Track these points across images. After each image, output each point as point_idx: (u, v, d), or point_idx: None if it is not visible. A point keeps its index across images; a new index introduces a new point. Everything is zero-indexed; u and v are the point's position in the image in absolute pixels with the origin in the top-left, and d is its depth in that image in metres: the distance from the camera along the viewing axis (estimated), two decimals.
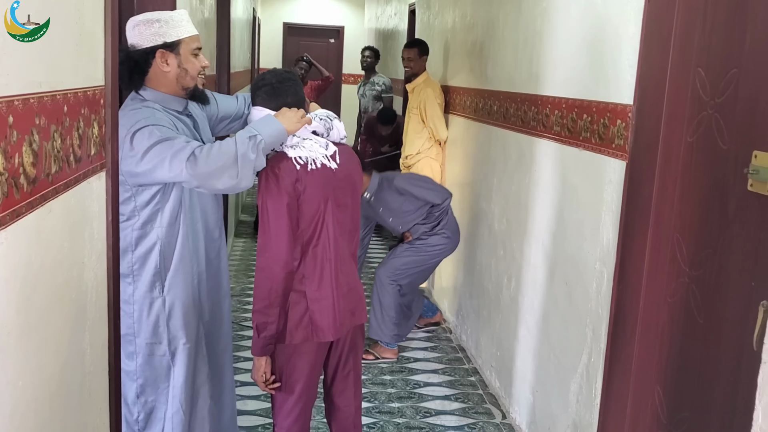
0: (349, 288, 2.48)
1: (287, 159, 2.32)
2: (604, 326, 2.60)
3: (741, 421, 1.71)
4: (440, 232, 4.32)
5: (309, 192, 2.31)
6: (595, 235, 2.69)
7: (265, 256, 2.31)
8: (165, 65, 2.31)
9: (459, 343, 4.69)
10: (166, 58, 2.30)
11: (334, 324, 2.41)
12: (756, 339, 1.65)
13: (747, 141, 1.83)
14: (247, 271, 6.07)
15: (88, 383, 1.76)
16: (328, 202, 2.37)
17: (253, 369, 2.41)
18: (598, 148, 2.69)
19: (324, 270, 2.39)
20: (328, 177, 2.37)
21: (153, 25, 2.28)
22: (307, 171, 2.31)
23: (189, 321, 2.42)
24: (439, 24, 5.83)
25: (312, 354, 2.43)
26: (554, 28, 3.22)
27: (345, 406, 2.60)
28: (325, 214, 2.36)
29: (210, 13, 4.77)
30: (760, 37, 1.81)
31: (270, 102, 2.40)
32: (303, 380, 2.44)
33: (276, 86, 2.41)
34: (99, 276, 1.82)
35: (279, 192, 2.27)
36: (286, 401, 2.46)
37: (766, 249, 1.71)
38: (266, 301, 2.30)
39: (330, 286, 2.40)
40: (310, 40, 13.37)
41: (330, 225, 2.38)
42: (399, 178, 4.34)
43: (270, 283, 2.29)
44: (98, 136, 1.77)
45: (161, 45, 2.29)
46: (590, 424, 2.69)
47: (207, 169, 2.18)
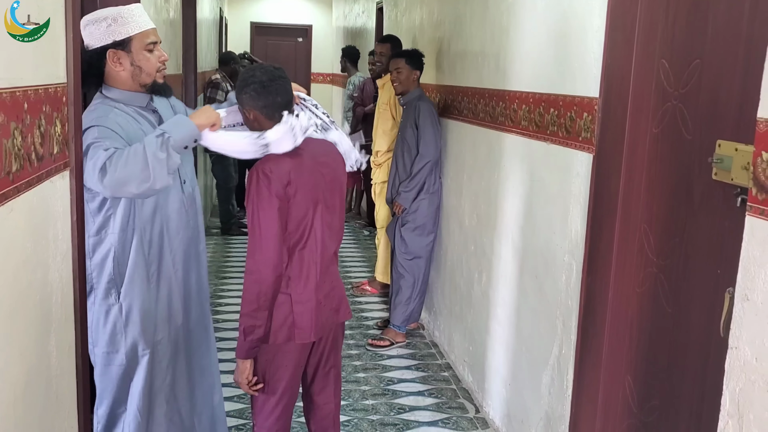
0: (332, 287, 2.49)
1: (279, 160, 2.28)
2: (574, 318, 2.62)
3: (710, 407, 1.73)
4: (425, 196, 4.49)
5: (299, 195, 2.29)
6: (564, 228, 2.71)
7: (254, 259, 2.27)
8: (118, 65, 2.24)
9: (432, 339, 4.70)
10: (118, 58, 2.23)
11: (317, 324, 2.40)
12: (723, 325, 1.67)
13: (710, 130, 1.85)
14: (218, 272, 6.02)
15: (55, 386, 1.73)
16: (318, 204, 2.36)
17: (236, 371, 2.38)
18: (565, 142, 2.71)
19: (310, 272, 2.38)
20: (317, 179, 2.36)
21: (101, 24, 2.20)
22: (299, 175, 2.29)
23: (148, 327, 2.35)
24: (407, 21, 5.84)
25: (295, 353, 2.42)
26: (520, 24, 3.24)
27: (325, 404, 2.60)
28: (314, 216, 2.35)
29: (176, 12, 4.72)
30: (720, 28, 1.84)
31: (257, 100, 2.31)
32: (286, 380, 2.43)
33: (267, 84, 2.30)
34: (64, 277, 1.79)
35: (270, 195, 2.24)
36: (267, 401, 2.44)
37: (731, 237, 1.73)
38: (255, 305, 2.27)
39: (314, 288, 2.39)
40: (277, 40, 13.31)
41: (318, 227, 2.37)
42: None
43: (259, 287, 2.27)
44: (61, 134, 1.74)
45: (111, 44, 2.22)
46: (562, 416, 2.71)
47: (117, 177, 2.08)
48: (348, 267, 6.34)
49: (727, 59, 1.81)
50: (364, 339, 4.63)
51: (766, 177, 1.47)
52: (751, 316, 1.50)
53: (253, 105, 2.32)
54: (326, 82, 13.02)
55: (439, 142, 4.42)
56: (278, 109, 2.33)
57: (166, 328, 2.43)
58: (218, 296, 5.41)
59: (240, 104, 2.38)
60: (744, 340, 1.52)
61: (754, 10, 1.69)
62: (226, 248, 6.83)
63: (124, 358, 2.33)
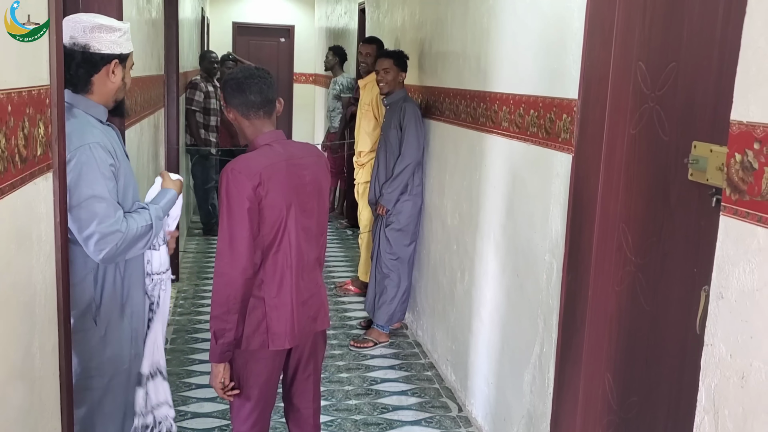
0: (310, 294, 2.45)
1: (250, 159, 2.28)
2: (555, 316, 2.65)
3: (687, 403, 1.77)
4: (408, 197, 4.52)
5: (271, 197, 2.26)
6: (544, 228, 2.75)
7: (223, 261, 2.26)
8: (111, 75, 2.22)
9: (415, 339, 4.73)
10: (114, 69, 2.23)
11: (292, 331, 2.37)
12: (699, 323, 1.71)
13: (686, 132, 1.89)
14: (200, 273, 6.01)
15: (38, 388, 1.73)
16: (291, 207, 2.32)
17: (211, 375, 2.38)
18: (545, 143, 2.75)
19: (284, 276, 2.35)
20: (292, 181, 2.33)
21: (114, 33, 2.20)
22: (271, 175, 2.27)
23: (117, 355, 2.27)
24: (389, 23, 5.86)
25: (269, 360, 2.40)
26: (501, 26, 3.27)
27: (304, 408, 2.58)
28: (288, 219, 2.32)
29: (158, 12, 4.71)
30: (696, 31, 1.87)
31: (234, 97, 2.36)
32: (259, 386, 2.41)
33: (241, 82, 2.35)
34: (48, 278, 1.79)
35: (240, 196, 2.22)
36: (243, 407, 2.43)
37: (707, 236, 1.77)
38: (224, 308, 2.26)
39: (289, 293, 2.36)
40: (260, 40, 13.27)
41: (293, 231, 2.33)
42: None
43: (228, 289, 2.25)
44: (44, 136, 1.74)
45: (117, 55, 2.22)
46: (544, 413, 2.74)
47: (116, 254, 2.12)
48: (331, 267, 6.36)
49: (701, 62, 1.84)
50: (347, 339, 4.65)
51: (739, 178, 1.50)
52: (726, 313, 1.53)
53: (231, 102, 2.39)
54: (309, 82, 13.01)
55: (422, 143, 4.44)
56: (253, 108, 2.37)
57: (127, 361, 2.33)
58: (200, 297, 5.40)
59: (224, 102, 2.43)
60: (719, 337, 1.55)
61: (727, 15, 1.72)
62: (207, 248, 6.81)
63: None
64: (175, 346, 4.43)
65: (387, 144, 4.55)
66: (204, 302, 5.28)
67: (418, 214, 4.57)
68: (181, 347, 4.43)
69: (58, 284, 1.87)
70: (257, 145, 2.36)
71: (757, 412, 1.43)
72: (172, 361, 4.20)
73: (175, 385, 3.86)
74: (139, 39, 3.68)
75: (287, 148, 2.39)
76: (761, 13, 1.45)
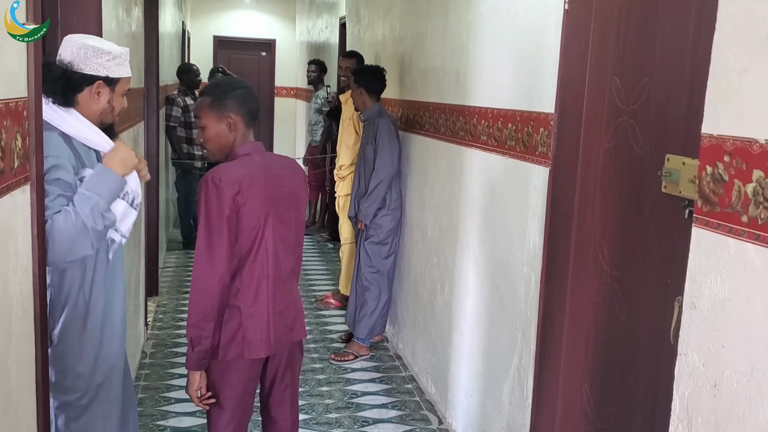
0: (286, 304, 2.45)
1: (229, 169, 2.30)
2: (533, 328, 2.67)
3: (661, 412, 1.79)
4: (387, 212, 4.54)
5: (249, 206, 2.28)
6: (523, 240, 2.77)
7: (201, 269, 2.27)
8: (96, 96, 2.23)
9: (396, 352, 4.73)
10: (100, 90, 2.23)
11: (268, 341, 2.38)
12: (672, 333, 1.74)
13: (660, 145, 1.92)
14: (179, 287, 5.98)
15: (14, 401, 1.72)
16: (269, 217, 2.34)
17: (187, 384, 2.38)
18: (522, 156, 2.78)
19: (260, 286, 2.36)
20: (270, 191, 2.35)
21: (103, 56, 2.21)
22: (250, 185, 2.29)
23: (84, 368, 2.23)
24: (370, 37, 5.90)
25: (245, 370, 2.40)
26: (479, 41, 3.31)
27: (282, 420, 2.58)
28: (265, 228, 2.33)
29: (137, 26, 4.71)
30: (668, 46, 1.91)
31: (243, 106, 2.40)
32: (236, 397, 2.41)
33: (250, 91, 2.44)
34: (25, 291, 1.79)
35: (219, 204, 2.24)
36: (220, 418, 2.42)
37: (680, 247, 1.79)
38: (201, 315, 2.27)
39: (266, 303, 2.37)
40: (241, 53, 13.28)
41: (270, 240, 2.35)
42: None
43: (206, 297, 2.26)
44: (22, 148, 1.74)
45: (103, 77, 2.22)
46: (523, 425, 2.76)
47: (57, 255, 2.02)
48: (312, 280, 6.35)
49: (674, 77, 1.88)
50: (328, 352, 4.64)
51: (710, 190, 1.53)
52: (698, 323, 1.56)
53: (238, 110, 2.40)
54: (290, 96, 13.03)
55: (395, 158, 4.46)
56: (254, 118, 2.44)
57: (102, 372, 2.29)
58: (180, 311, 5.37)
59: (220, 110, 2.39)
60: (692, 347, 1.58)
61: (698, 31, 1.76)
62: (187, 262, 6.78)
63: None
64: (155, 360, 4.40)
65: (364, 159, 4.59)
66: (184, 316, 5.25)
67: (396, 228, 4.59)
68: (160, 361, 4.40)
69: (35, 297, 1.86)
70: (237, 155, 2.38)
71: (729, 420, 1.45)
72: (152, 375, 4.17)
73: (155, 400, 3.84)
74: None
75: (266, 159, 2.42)
76: (730, 30, 1.48)
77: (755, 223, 1.39)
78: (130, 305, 3.73)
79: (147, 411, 3.69)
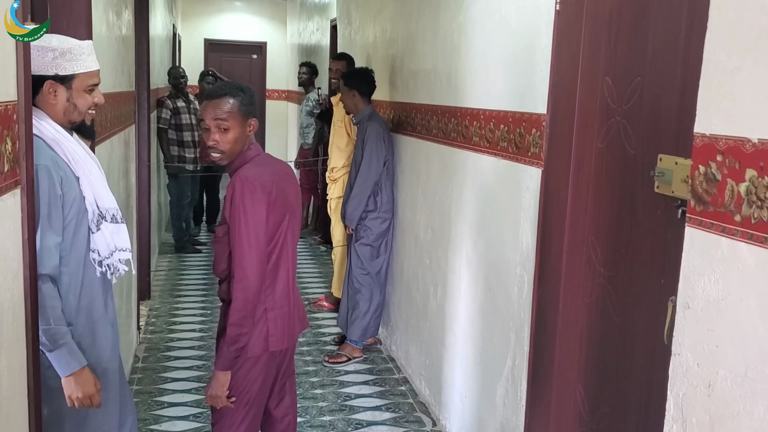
0: (296, 296, 2.56)
1: (257, 169, 2.37)
2: (526, 329, 2.67)
3: (656, 412, 1.79)
4: (376, 215, 4.53)
5: (278, 203, 2.37)
6: (515, 241, 2.77)
7: (242, 267, 2.31)
8: (52, 96, 2.14)
9: (389, 354, 4.72)
10: (54, 89, 2.13)
11: (289, 332, 2.47)
12: (666, 333, 1.74)
13: (652, 145, 1.92)
14: (172, 290, 5.96)
15: (5, 407, 1.71)
16: (289, 214, 2.44)
17: (215, 385, 2.38)
18: (515, 157, 2.78)
19: (282, 280, 2.45)
20: (285, 190, 2.43)
21: (47, 54, 2.11)
22: (276, 184, 2.37)
23: None
24: (361, 39, 5.89)
25: (267, 364, 2.46)
26: (471, 42, 3.30)
27: (284, 416, 2.63)
28: (288, 226, 2.43)
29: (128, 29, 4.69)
30: (660, 47, 1.91)
31: (255, 112, 2.50)
32: (256, 391, 2.45)
33: (246, 99, 2.45)
34: (15, 296, 1.77)
35: (258, 204, 2.31)
36: (236, 414, 2.44)
37: (673, 247, 1.80)
38: (243, 313, 2.32)
39: (287, 296, 2.46)
40: (232, 56, 13.26)
41: (290, 236, 2.45)
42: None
43: (247, 294, 2.32)
44: (12, 152, 1.72)
45: (52, 76, 2.12)
46: (517, 426, 2.75)
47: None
48: (305, 283, 6.33)
49: (666, 77, 1.88)
50: (321, 355, 4.63)
51: (703, 189, 1.53)
52: (692, 323, 1.56)
53: (255, 113, 2.48)
54: (281, 98, 13.02)
55: (381, 162, 4.45)
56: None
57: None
58: (172, 315, 5.35)
59: (246, 116, 2.42)
60: (686, 347, 1.58)
61: (690, 31, 1.76)
62: (180, 266, 6.76)
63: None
64: (147, 365, 4.38)
65: (355, 163, 4.60)
66: (176, 320, 5.23)
67: (387, 230, 4.58)
68: (153, 365, 4.37)
69: (26, 302, 1.84)
70: (249, 158, 2.44)
71: (724, 420, 1.45)
72: (144, 379, 4.15)
73: (147, 404, 3.82)
74: (109, 55, 3.66)
75: (270, 160, 2.54)
76: (722, 29, 1.49)
77: (748, 223, 1.39)
78: (123, 309, 3.72)
79: (140, 415, 3.67)
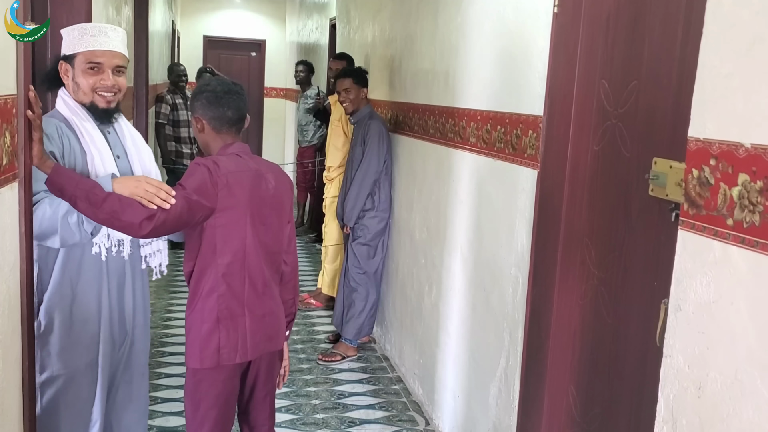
0: (267, 312, 2.38)
1: (219, 161, 2.25)
2: (520, 330, 2.68)
3: (647, 413, 1.80)
4: (374, 214, 4.53)
5: (230, 203, 2.23)
6: (510, 242, 2.78)
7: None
8: (65, 76, 2.28)
9: (383, 353, 4.74)
10: (65, 69, 2.27)
11: (243, 346, 2.30)
12: (658, 335, 1.75)
13: (647, 148, 1.94)
14: (167, 287, 5.96)
15: (0, 399, 1.72)
16: (252, 218, 2.28)
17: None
18: (511, 158, 2.79)
19: (238, 290, 2.29)
20: (257, 193, 2.30)
21: (67, 37, 2.28)
22: (235, 182, 2.23)
23: (66, 349, 2.24)
24: (360, 38, 5.90)
25: (223, 379, 2.32)
26: (469, 43, 3.32)
27: (260, 425, 2.53)
28: (246, 231, 2.28)
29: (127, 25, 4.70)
30: (656, 51, 1.93)
31: (209, 109, 2.33)
32: (218, 406, 2.33)
33: (220, 96, 2.33)
34: (12, 288, 1.78)
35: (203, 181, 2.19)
36: (201, 428, 2.34)
37: (666, 250, 1.81)
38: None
39: (243, 307, 2.30)
40: (231, 54, 13.25)
41: (250, 244, 2.29)
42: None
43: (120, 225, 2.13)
44: (10, 145, 1.73)
45: (63, 57, 2.27)
46: (509, 426, 2.77)
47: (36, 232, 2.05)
48: (300, 281, 6.32)
49: (661, 81, 1.90)
50: (315, 353, 4.64)
51: (696, 193, 1.55)
52: (684, 325, 1.57)
53: (203, 114, 2.35)
54: (279, 96, 13.01)
55: (381, 161, 4.46)
56: (226, 124, 2.36)
57: (86, 354, 2.30)
58: (168, 311, 5.35)
59: (192, 111, 2.39)
60: (677, 349, 1.59)
61: (686, 35, 1.78)
62: (175, 261, 6.75)
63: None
64: None
65: (353, 161, 4.58)
66: (171, 316, 5.24)
67: (384, 229, 4.59)
68: None
69: (22, 294, 1.85)
70: (224, 154, 2.34)
71: (713, 422, 1.46)
72: None
73: None
74: None
75: (254, 159, 2.40)
76: (716, 34, 1.50)
77: (740, 227, 1.41)
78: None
79: None
